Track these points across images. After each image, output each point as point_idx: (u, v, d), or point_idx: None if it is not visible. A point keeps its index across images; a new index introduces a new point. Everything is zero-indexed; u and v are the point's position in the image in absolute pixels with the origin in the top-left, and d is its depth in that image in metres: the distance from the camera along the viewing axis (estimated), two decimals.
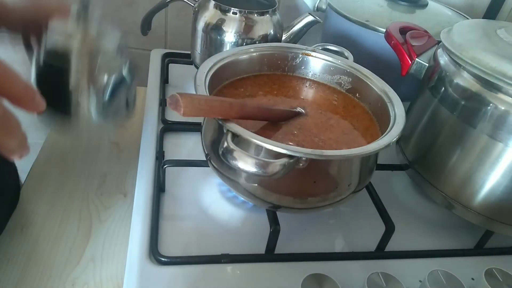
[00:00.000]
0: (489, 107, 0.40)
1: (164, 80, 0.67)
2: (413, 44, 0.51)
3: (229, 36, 0.57)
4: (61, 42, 0.35)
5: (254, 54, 0.51)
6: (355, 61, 0.52)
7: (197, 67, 0.60)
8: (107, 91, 0.36)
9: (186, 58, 0.69)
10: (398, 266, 0.43)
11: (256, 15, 0.57)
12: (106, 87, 0.36)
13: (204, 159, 0.44)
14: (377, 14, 0.65)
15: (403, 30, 0.54)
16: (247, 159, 0.33)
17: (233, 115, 0.37)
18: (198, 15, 0.59)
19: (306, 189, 0.39)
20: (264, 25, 0.58)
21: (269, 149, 0.34)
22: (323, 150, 0.35)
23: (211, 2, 0.58)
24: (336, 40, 0.60)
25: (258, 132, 0.37)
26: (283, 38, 0.61)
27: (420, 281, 0.42)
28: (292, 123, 0.44)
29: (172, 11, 0.81)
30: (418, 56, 0.50)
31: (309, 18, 0.60)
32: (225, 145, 0.34)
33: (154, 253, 0.40)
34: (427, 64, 0.49)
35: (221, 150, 0.34)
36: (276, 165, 0.33)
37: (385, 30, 0.54)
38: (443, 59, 0.46)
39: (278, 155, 0.34)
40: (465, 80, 0.42)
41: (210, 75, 0.44)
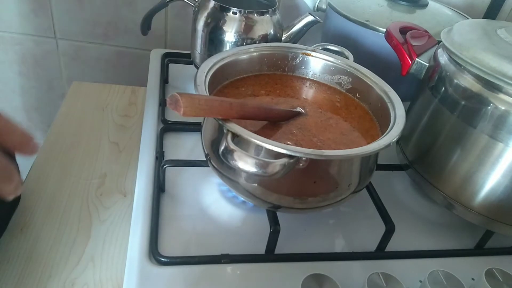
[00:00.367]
0: (489, 107, 0.40)
1: (164, 80, 0.67)
2: (413, 44, 0.51)
3: (229, 36, 0.57)
4: None
5: (254, 54, 0.51)
6: (355, 61, 0.52)
7: (197, 67, 0.60)
8: None
9: (186, 58, 0.69)
10: (398, 266, 0.43)
11: (256, 15, 0.57)
12: None
13: (204, 159, 0.44)
14: (377, 14, 0.65)
15: (403, 30, 0.53)
16: (247, 159, 0.33)
17: (233, 115, 0.37)
18: (198, 15, 0.59)
19: (306, 189, 0.39)
20: (264, 25, 0.58)
21: (269, 149, 0.34)
22: (323, 150, 0.35)
23: (211, 2, 0.58)
24: (336, 40, 0.60)
25: (258, 132, 0.37)
26: (283, 38, 0.61)
27: (420, 281, 0.42)
28: (292, 123, 0.44)
29: (172, 11, 0.81)
30: (418, 56, 0.50)
31: (309, 18, 0.60)
32: (225, 145, 0.33)
33: (154, 253, 0.40)
34: (427, 64, 0.49)
35: (221, 150, 0.34)
36: (276, 165, 0.33)
37: (385, 30, 0.54)
38: (443, 59, 0.46)
39: (278, 155, 0.34)
40: (465, 80, 0.42)
41: (210, 75, 0.44)
